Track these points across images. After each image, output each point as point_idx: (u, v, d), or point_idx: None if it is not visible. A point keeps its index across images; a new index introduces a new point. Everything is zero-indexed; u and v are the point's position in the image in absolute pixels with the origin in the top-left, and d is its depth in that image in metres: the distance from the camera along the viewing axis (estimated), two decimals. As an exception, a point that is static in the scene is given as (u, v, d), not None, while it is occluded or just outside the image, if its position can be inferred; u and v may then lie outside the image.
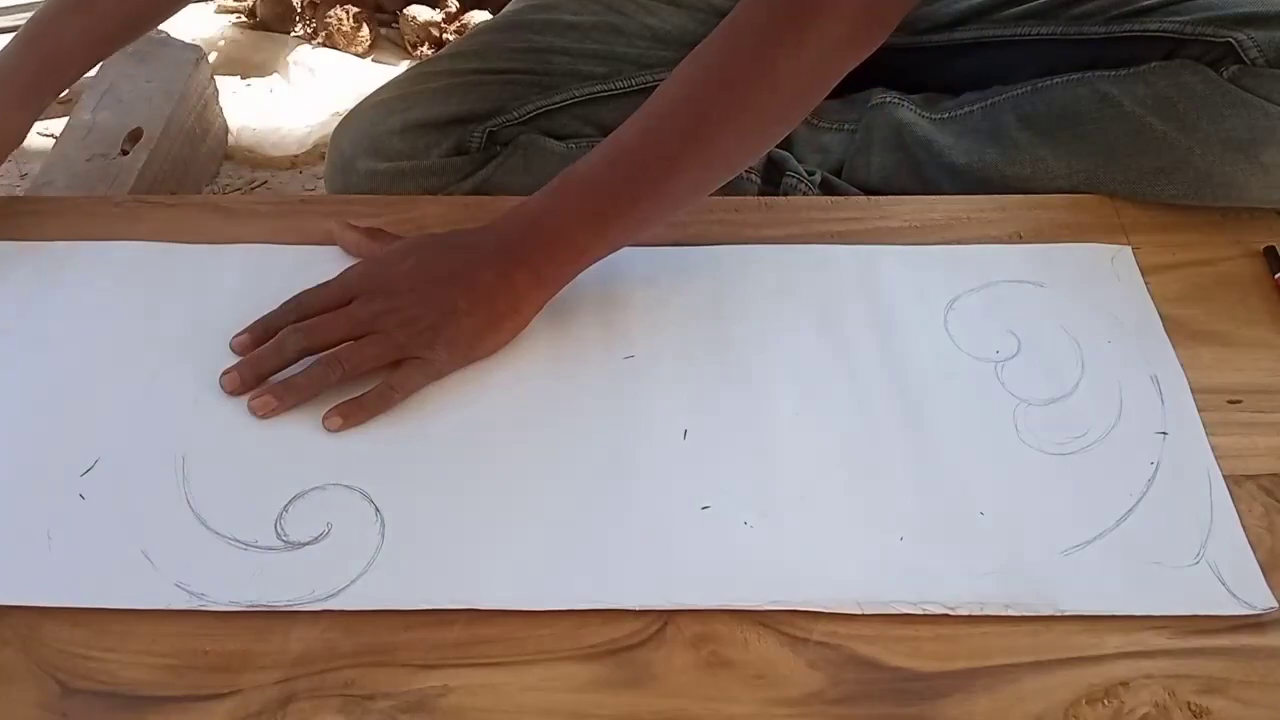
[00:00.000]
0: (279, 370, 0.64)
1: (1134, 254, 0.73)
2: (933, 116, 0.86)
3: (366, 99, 0.87)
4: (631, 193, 0.64)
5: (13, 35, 0.76)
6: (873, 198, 0.79)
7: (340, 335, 0.63)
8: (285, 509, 0.58)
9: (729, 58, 0.64)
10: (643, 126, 0.65)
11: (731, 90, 0.63)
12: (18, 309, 0.69)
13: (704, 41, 0.65)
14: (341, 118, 0.87)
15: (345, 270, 0.67)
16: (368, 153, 0.83)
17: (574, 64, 0.88)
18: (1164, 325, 0.68)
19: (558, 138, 0.88)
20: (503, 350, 0.66)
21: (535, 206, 0.65)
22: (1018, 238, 0.75)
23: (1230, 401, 0.64)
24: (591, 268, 0.66)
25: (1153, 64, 0.76)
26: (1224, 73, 0.73)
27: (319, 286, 0.66)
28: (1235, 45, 0.73)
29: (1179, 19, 0.76)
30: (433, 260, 0.65)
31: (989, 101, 0.83)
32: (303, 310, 0.65)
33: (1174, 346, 0.67)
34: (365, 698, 0.51)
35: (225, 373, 0.64)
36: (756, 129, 0.65)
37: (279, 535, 0.57)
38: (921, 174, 0.86)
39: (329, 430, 0.62)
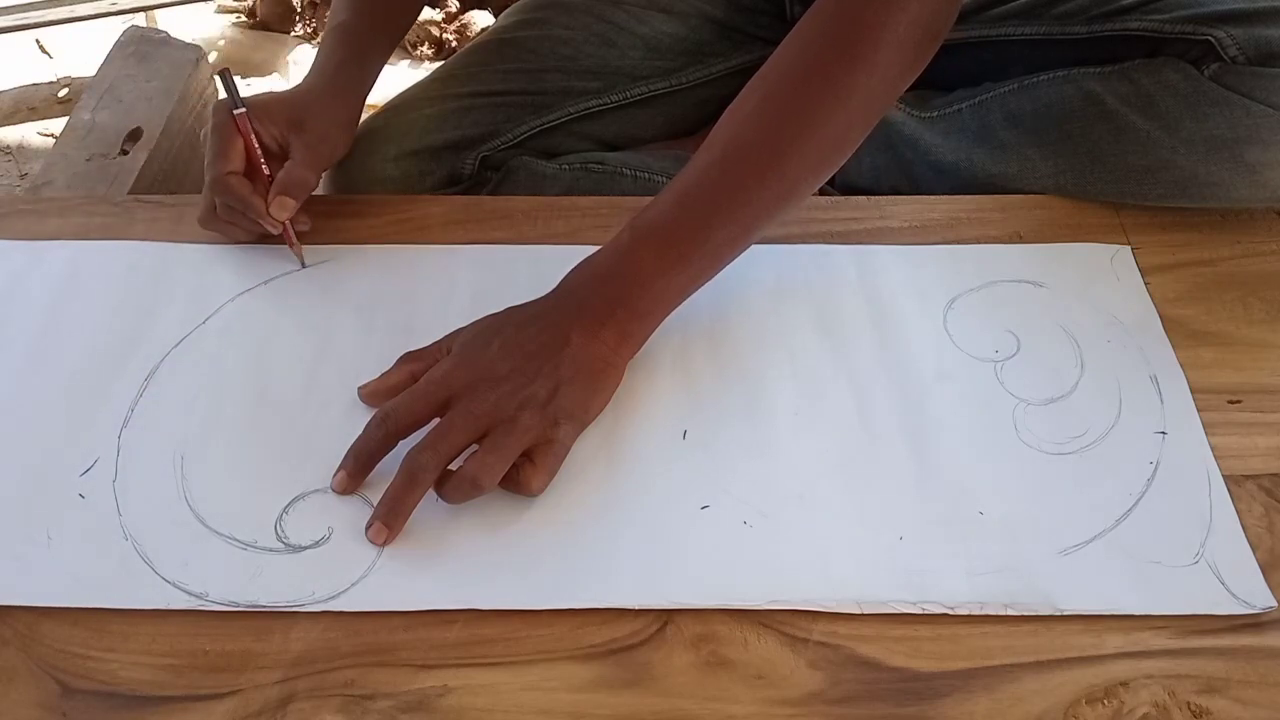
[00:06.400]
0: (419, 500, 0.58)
1: (1134, 254, 0.73)
2: (921, 115, 0.86)
3: (360, 126, 0.87)
4: (704, 232, 0.63)
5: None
6: (873, 198, 0.79)
7: (469, 438, 0.58)
8: (285, 510, 0.58)
9: (788, 89, 0.64)
10: (705, 165, 0.64)
11: (795, 120, 0.63)
12: (18, 309, 0.69)
13: (757, 77, 0.65)
14: None
15: (423, 377, 0.61)
16: (362, 182, 0.83)
17: (567, 81, 0.88)
18: (1164, 325, 0.68)
19: (552, 155, 0.88)
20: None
21: (607, 261, 0.63)
22: (1018, 238, 0.75)
23: (1230, 401, 0.64)
24: None
25: (1136, 61, 0.76)
26: (1205, 71, 0.72)
27: (401, 399, 0.59)
28: (1215, 43, 0.72)
29: (1159, 17, 0.76)
30: (518, 338, 0.61)
31: (976, 100, 0.83)
32: (394, 426, 0.59)
33: (1174, 346, 0.67)
34: (365, 698, 0.51)
35: (369, 525, 0.57)
36: (818, 156, 0.64)
37: (279, 537, 0.57)
38: (910, 173, 0.86)
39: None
